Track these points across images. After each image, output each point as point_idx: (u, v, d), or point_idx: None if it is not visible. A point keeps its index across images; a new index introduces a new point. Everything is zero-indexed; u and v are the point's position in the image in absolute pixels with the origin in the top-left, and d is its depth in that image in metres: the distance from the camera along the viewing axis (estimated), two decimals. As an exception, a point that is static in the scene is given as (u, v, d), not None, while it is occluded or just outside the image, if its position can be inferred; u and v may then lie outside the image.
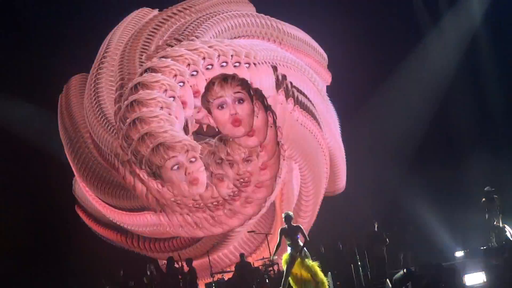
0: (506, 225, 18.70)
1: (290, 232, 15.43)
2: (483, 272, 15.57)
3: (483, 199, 19.30)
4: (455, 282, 14.66)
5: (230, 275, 18.32)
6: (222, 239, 18.06)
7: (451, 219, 20.42)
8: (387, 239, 19.04)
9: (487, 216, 19.14)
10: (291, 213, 16.00)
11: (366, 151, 21.64)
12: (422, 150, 21.95)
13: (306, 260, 15.84)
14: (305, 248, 15.66)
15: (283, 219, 15.65)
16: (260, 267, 18.51)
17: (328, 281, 16.22)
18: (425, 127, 21.94)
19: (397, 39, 22.04)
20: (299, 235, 15.48)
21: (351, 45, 21.51)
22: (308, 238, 15.35)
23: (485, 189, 19.38)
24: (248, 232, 19.46)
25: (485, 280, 15.23)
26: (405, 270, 15.20)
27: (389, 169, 21.19)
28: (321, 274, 16.03)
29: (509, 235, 18.79)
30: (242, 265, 18.48)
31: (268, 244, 18.82)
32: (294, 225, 15.66)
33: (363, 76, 21.78)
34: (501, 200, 19.12)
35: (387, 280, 15.77)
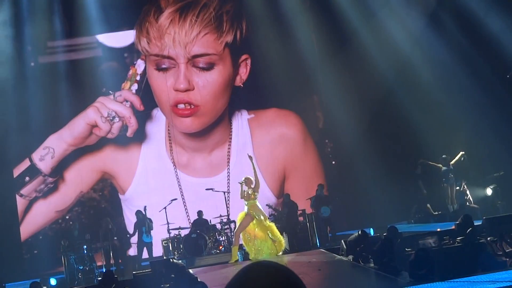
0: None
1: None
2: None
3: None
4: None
5: (186, 231, 18.46)
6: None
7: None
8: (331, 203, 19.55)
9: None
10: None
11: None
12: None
13: (262, 219, 16.01)
14: (261, 208, 15.83)
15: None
16: (217, 224, 18.67)
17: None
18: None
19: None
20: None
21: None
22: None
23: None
24: (207, 189, 19.63)
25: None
26: (359, 232, 15.37)
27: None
28: (278, 234, 16.20)
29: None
30: (200, 222, 18.61)
31: (226, 203, 18.98)
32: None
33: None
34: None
35: (342, 241, 15.96)
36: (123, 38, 21.59)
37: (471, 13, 19.87)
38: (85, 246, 17.83)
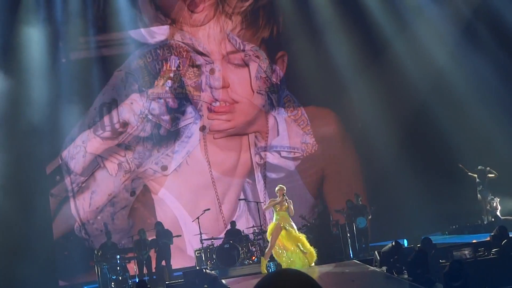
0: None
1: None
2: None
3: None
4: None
5: (220, 242, 18.46)
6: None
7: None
8: (370, 213, 19.28)
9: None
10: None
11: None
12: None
13: (292, 231, 15.89)
14: (291, 220, 15.74)
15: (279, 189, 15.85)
16: (250, 235, 18.64)
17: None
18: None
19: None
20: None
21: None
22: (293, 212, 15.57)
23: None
24: (239, 200, 19.72)
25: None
26: (393, 243, 15.25)
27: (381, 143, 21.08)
28: (308, 245, 16.10)
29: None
30: (233, 232, 18.60)
31: (259, 213, 18.96)
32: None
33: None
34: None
35: (375, 252, 15.85)
36: (156, 33, 21.34)
37: (507, 24, 19.70)
38: (118, 256, 17.88)
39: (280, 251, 15.95)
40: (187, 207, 20.28)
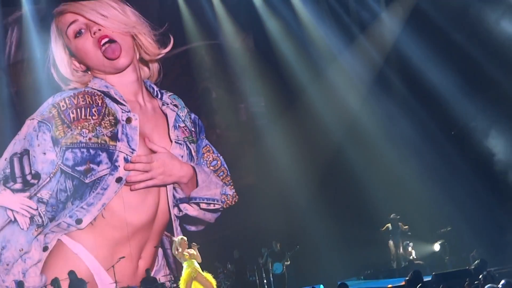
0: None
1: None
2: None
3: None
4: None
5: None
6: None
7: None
8: (288, 259, 19.30)
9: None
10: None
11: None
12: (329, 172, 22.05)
13: (204, 277, 15.69)
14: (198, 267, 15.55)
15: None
16: (167, 282, 18.41)
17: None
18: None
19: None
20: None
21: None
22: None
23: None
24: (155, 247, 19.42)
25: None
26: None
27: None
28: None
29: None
30: (148, 280, 18.33)
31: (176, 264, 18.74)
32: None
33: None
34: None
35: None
36: (70, 80, 20.84)
37: (416, 70, 20.39)
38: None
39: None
40: (103, 262, 19.69)
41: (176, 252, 15.59)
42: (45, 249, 19.80)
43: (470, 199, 20.03)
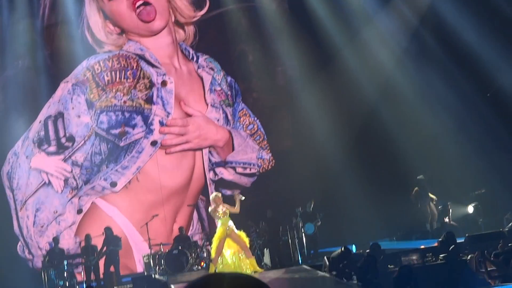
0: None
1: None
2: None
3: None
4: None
5: (168, 247, 18.20)
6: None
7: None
8: (319, 220, 19.28)
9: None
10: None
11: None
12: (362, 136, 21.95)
13: (237, 234, 15.72)
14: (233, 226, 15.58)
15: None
16: (199, 240, 18.52)
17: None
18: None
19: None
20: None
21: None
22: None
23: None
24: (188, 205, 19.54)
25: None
26: (342, 249, 15.29)
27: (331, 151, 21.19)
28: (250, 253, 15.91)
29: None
30: (181, 238, 18.43)
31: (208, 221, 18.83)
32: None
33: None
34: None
35: (325, 258, 15.86)
36: (105, 43, 20.91)
37: (453, 31, 20.14)
38: (66, 262, 17.55)
39: (221, 258, 15.68)
40: (137, 225, 19.75)
41: (210, 209, 15.69)
42: (79, 211, 19.92)
43: (504, 161, 19.87)
